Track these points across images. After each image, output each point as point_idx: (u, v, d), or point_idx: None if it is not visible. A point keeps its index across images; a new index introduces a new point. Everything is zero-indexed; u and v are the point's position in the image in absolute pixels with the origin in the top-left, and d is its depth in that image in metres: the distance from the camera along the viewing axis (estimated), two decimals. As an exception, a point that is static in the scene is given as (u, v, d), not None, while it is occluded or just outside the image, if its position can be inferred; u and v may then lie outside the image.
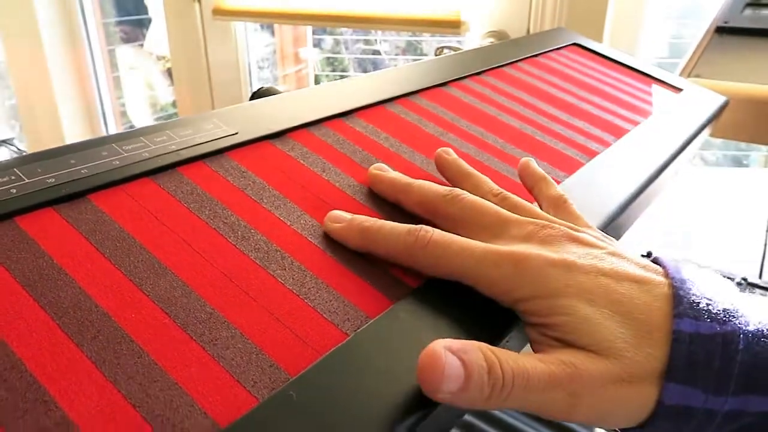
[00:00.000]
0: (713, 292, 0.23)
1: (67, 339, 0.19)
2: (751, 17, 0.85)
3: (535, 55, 0.60)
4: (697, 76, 0.77)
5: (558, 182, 0.37)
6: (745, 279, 0.81)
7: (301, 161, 0.32)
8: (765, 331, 0.22)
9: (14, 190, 0.24)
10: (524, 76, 0.53)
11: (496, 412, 0.53)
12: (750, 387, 0.21)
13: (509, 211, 0.28)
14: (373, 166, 0.31)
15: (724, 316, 0.22)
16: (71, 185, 0.25)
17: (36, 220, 0.23)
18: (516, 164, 0.38)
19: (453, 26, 1.16)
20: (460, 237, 0.25)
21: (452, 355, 0.20)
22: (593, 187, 0.38)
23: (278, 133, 0.33)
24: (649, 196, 0.44)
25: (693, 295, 0.23)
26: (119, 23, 2.42)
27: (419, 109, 0.41)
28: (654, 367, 0.21)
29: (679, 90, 0.61)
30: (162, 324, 0.20)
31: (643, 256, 0.77)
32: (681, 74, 0.76)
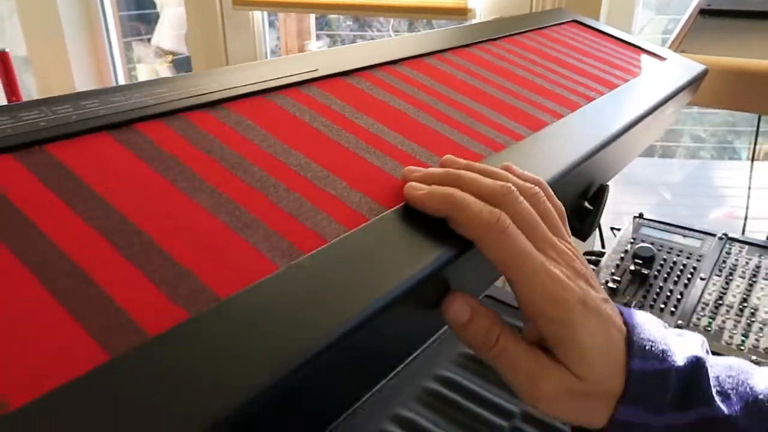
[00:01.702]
0: (654, 334, 0.30)
1: (186, 198, 0.28)
2: (731, 0, 0.95)
3: (539, 28, 0.69)
4: (683, 51, 0.86)
5: (561, 116, 0.46)
6: (725, 234, 0.91)
7: (368, 92, 0.41)
8: (690, 365, 0.29)
9: (151, 101, 0.34)
10: (531, 43, 0.63)
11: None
12: (677, 407, 0.29)
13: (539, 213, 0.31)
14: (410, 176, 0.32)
15: (662, 356, 0.29)
16: (209, 96, 0.35)
17: (153, 128, 0.32)
18: (531, 103, 0.47)
19: (460, 13, 1.26)
20: (526, 239, 0.28)
21: (466, 305, 0.29)
22: (588, 122, 0.47)
23: (348, 71, 0.43)
24: (636, 135, 0.53)
25: (641, 339, 0.30)
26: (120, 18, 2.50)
27: (450, 62, 0.51)
28: (613, 392, 0.29)
29: (664, 59, 0.71)
30: (254, 195, 0.30)
31: (635, 217, 0.86)
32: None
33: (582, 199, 0.51)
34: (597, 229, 1.06)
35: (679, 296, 0.80)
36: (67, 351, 0.18)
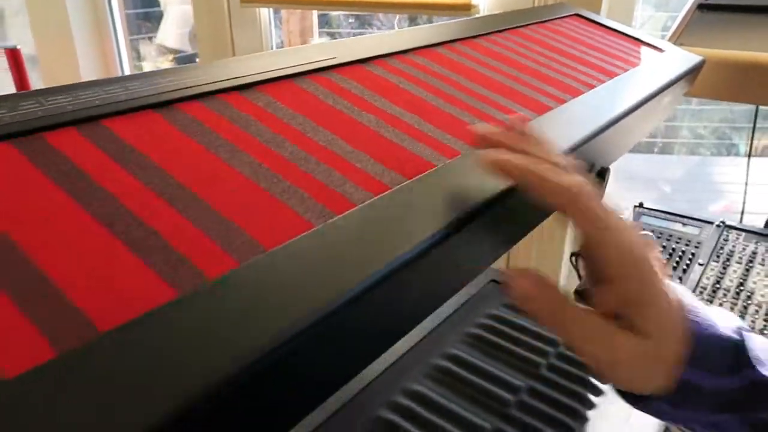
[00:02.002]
0: (697, 305, 0.32)
1: (230, 168, 0.31)
2: (728, -4, 0.98)
3: (543, 21, 0.72)
4: (681, 44, 0.89)
5: (564, 101, 0.49)
6: (723, 222, 0.94)
7: (384, 78, 0.44)
8: (736, 334, 0.31)
9: (188, 83, 0.36)
10: (535, 34, 0.66)
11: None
12: (727, 371, 0.31)
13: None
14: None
15: (713, 324, 0.31)
16: (244, 78, 0.37)
17: (193, 107, 0.36)
18: (536, 90, 0.50)
19: (464, 9, 1.29)
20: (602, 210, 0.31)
21: (532, 279, 0.31)
22: (589, 107, 0.50)
23: (365, 59, 0.45)
24: (635, 121, 0.56)
25: (693, 308, 0.32)
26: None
27: (459, 52, 0.54)
28: (677, 356, 0.30)
29: (662, 50, 0.74)
30: (288, 166, 0.33)
31: (635, 206, 0.89)
32: (666, 43, 0.89)
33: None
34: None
35: (678, 280, 0.83)
36: (142, 288, 0.21)
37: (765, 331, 0.74)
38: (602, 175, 0.55)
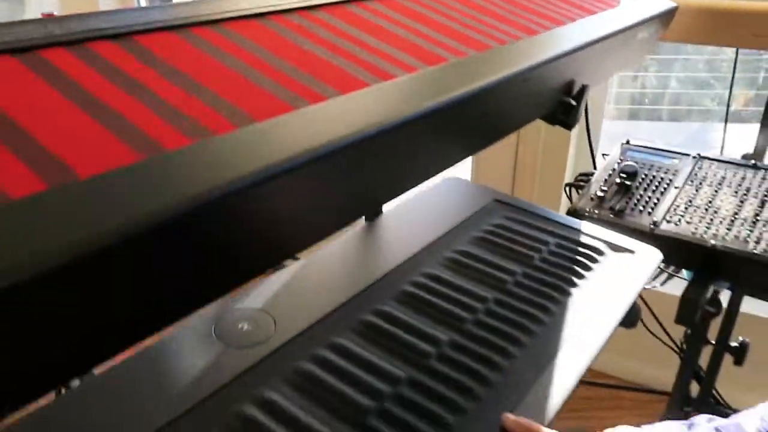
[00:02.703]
0: None
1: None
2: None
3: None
4: (662, -4, 1.01)
5: (549, 29, 0.62)
6: (699, 154, 1.07)
7: (404, 3, 0.57)
8: None
9: (241, 6, 0.50)
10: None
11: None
12: None
13: None
14: None
15: None
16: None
17: (244, 25, 0.49)
18: (530, 21, 0.63)
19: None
20: None
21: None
22: (571, 32, 0.63)
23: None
24: (610, 48, 0.69)
25: None
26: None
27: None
28: None
29: (641, -4, 0.86)
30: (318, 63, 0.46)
31: (623, 143, 1.03)
32: (649, -5, 1.00)
33: (567, 96, 0.67)
34: (590, 151, 1.21)
35: (656, 201, 0.96)
36: (105, 149, 0.35)
37: (726, 237, 0.87)
38: (582, 90, 0.68)
